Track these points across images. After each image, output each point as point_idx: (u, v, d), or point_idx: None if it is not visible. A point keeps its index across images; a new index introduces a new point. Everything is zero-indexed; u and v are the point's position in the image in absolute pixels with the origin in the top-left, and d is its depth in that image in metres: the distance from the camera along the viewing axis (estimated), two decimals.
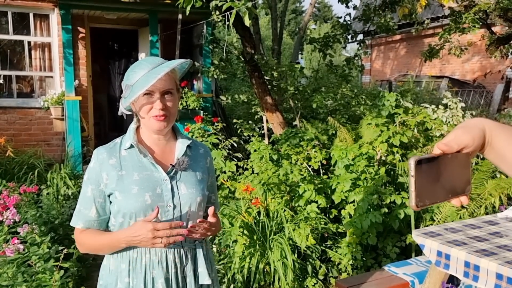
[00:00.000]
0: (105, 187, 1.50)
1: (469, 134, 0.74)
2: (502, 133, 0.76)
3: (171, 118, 1.52)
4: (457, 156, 0.74)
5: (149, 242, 1.41)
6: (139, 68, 1.47)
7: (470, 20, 4.94)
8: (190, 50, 7.68)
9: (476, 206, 3.61)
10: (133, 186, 1.49)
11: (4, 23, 7.06)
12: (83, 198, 1.53)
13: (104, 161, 1.51)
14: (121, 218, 1.51)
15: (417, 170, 0.70)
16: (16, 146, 6.18)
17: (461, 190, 0.75)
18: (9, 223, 2.79)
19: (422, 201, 0.71)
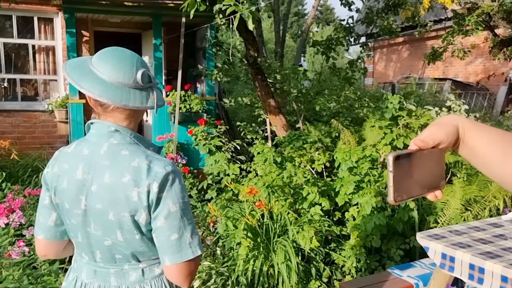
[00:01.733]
0: None
1: (443, 130, 0.77)
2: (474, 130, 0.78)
3: None
4: (432, 152, 0.76)
5: None
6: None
7: (473, 22, 4.95)
8: (193, 53, 7.71)
9: (480, 208, 3.60)
10: None
11: (8, 27, 7.10)
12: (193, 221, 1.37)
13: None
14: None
15: (395, 165, 0.71)
16: (21, 149, 6.20)
17: (436, 185, 0.78)
18: (15, 226, 2.80)
19: (400, 195, 0.73)
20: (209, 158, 5.84)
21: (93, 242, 1.34)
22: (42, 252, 1.47)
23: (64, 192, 1.33)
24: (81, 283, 1.39)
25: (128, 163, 1.28)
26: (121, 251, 1.32)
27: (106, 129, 1.31)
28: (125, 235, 1.30)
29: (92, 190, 1.29)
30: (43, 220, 1.42)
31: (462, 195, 3.63)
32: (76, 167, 1.32)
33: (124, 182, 1.26)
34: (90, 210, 1.30)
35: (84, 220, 1.32)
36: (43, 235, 1.42)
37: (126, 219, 1.27)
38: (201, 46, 7.47)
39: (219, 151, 5.95)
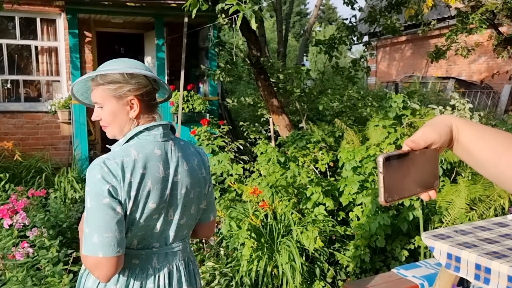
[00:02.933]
0: None
1: (435, 131, 0.77)
2: (468, 130, 0.79)
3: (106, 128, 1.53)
4: (425, 152, 0.76)
5: None
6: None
7: (477, 20, 4.92)
8: (196, 53, 7.70)
9: (486, 207, 3.58)
10: None
11: (11, 28, 7.12)
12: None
13: None
14: None
15: (385, 166, 0.71)
16: (24, 150, 6.22)
17: (430, 185, 0.77)
18: (18, 227, 2.80)
19: (391, 196, 0.73)
20: (212, 158, 5.83)
21: (170, 227, 1.51)
22: (118, 269, 1.37)
23: (150, 194, 1.41)
24: (152, 270, 1.48)
25: (189, 150, 1.58)
26: (190, 223, 1.58)
27: (167, 128, 1.52)
28: (197, 207, 1.59)
29: (176, 180, 1.49)
30: (120, 235, 1.35)
31: (467, 195, 3.61)
32: (156, 168, 1.44)
33: (195, 164, 1.57)
34: (174, 198, 1.49)
35: (167, 211, 1.49)
36: (122, 249, 1.36)
37: (201, 194, 1.59)
38: (203, 46, 7.47)
39: (222, 151, 5.94)
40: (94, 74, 1.44)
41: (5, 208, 2.85)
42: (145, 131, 1.46)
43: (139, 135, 1.45)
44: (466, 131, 0.79)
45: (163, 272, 1.48)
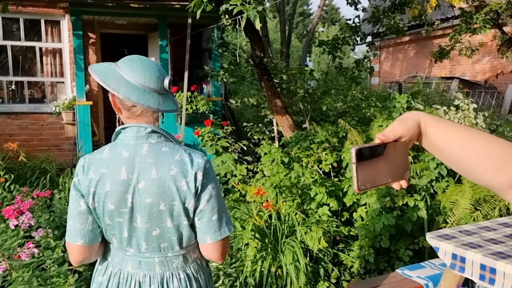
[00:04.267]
0: None
1: (404, 125, 0.84)
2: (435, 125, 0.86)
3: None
4: (396, 145, 0.82)
5: None
6: None
7: (481, 20, 4.91)
8: (199, 54, 7.72)
9: (490, 208, 3.57)
10: None
11: (16, 30, 7.15)
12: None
13: None
14: None
15: (358, 157, 0.77)
16: (28, 151, 6.24)
17: (401, 176, 0.84)
18: (24, 227, 2.81)
19: (363, 184, 0.78)
20: (216, 159, 5.84)
21: (139, 235, 1.46)
22: (80, 257, 1.50)
23: (108, 195, 1.41)
24: (127, 274, 1.50)
25: (171, 157, 1.43)
26: (169, 237, 1.46)
27: (143, 131, 1.44)
28: (174, 222, 1.44)
29: (139, 187, 1.41)
30: (81, 226, 1.46)
31: (472, 195, 3.60)
32: (118, 169, 1.41)
33: (172, 174, 1.41)
34: (138, 205, 1.42)
35: (131, 216, 1.43)
36: (82, 240, 1.46)
37: (177, 207, 1.42)
38: (207, 47, 7.48)
39: (226, 152, 5.94)
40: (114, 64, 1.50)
41: (10, 208, 2.86)
42: (122, 131, 1.47)
43: (118, 135, 1.48)
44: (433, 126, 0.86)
45: (135, 279, 1.49)
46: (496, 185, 0.83)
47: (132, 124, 1.45)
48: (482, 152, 0.81)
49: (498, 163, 0.81)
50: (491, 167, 0.81)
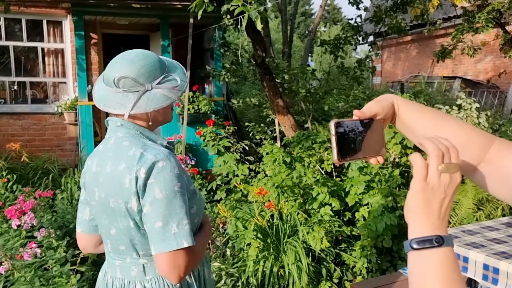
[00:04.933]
0: (187, 190, 1.37)
1: (379, 104, 0.89)
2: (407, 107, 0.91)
3: None
4: (372, 123, 0.88)
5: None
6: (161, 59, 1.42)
7: (483, 19, 4.89)
8: (201, 54, 7.72)
9: (493, 207, 3.56)
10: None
11: (18, 30, 7.17)
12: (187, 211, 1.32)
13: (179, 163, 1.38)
14: (198, 216, 1.47)
15: (337, 130, 0.83)
16: (31, 152, 6.25)
17: (377, 152, 0.89)
18: (26, 227, 2.82)
19: (342, 156, 0.83)
20: (218, 159, 5.84)
21: (103, 232, 1.44)
22: (81, 244, 1.59)
23: (86, 186, 1.45)
24: (104, 272, 1.51)
25: (126, 152, 1.33)
26: (125, 240, 1.37)
27: (114, 124, 1.40)
28: (124, 223, 1.34)
29: (100, 181, 1.37)
30: (80, 215, 1.54)
31: (474, 194, 3.59)
32: (92, 162, 1.43)
33: (120, 170, 1.31)
34: (100, 200, 1.38)
35: (98, 211, 1.41)
36: (80, 228, 1.55)
37: (122, 206, 1.32)
38: (208, 47, 7.48)
39: (228, 151, 5.94)
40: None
41: (13, 209, 2.87)
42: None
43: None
44: (406, 108, 0.91)
45: (105, 278, 1.48)
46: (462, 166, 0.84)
47: (109, 118, 1.43)
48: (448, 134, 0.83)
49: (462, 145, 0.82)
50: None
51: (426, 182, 0.72)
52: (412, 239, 0.71)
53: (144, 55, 1.37)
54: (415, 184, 0.72)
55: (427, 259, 0.69)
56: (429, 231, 0.70)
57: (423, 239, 0.70)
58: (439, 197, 0.72)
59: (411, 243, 0.70)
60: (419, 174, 0.72)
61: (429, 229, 0.70)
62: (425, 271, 0.69)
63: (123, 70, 1.33)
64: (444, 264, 0.69)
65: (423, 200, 0.71)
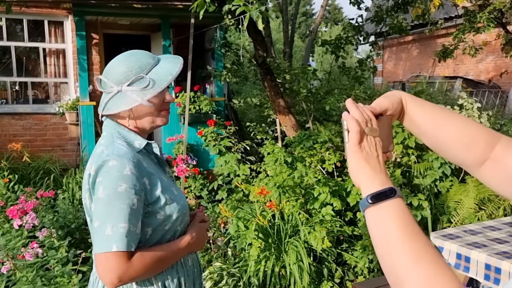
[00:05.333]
0: (148, 194, 1.31)
1: (388, 99, 0.90)
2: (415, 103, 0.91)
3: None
4: (381, 119, 0.88)
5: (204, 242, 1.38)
6: (144, 59, 1.38)
7: (485, 19, 4.88)
8: (202, 54, 7.72)
9: (495, 207, 3.56)
10: (171, 187, 1.40)
11: (19, 31, 7.18)
12: (130, 214, 1.24)
13: (139, 165, 1.31)
14: (169, 224, 1.37)
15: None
16: (32, 152, 6.25)
17: (386, 148, 0.87)
18: (28, 227, 2.82)
19: None
20: (219, 159, 5.84)
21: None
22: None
23: None
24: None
25: (95, 150, 1.36)
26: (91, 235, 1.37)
27: (104, 123, 1.44)
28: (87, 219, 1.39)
29: None
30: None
31: (476, 194, 3.58)
32: None
33: (87, 167, 1.34)
34: None
35: None
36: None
37: (85, 202, 1.35)
38: (209, 47, 7.48)
39: (229, 151, 5.94)
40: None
41: (15, 209, 2.87)
42: None
43: None
44: (413, 104, 0.91)
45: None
46: (465, 162, 0.90)
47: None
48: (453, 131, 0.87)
49: (466, 142, 0.87)
50: (461, 145, 0.88)
51: (360, 145, 0.80)
52: (367, 195, 0.75)
53: (125, 56, 1.39)
54: (352, 147, 0.80)
55: (384, 211, 0.73)
56: (380, 185, 0.75)
57: (377, 193, 0.74)
58: (373, 155, 0.80)
59: (367, 199, 0.75)
60: (355, 138, 0.80)
61: (379, 183, 0.76)
62: (385, 222, 0.73)
63: (104, 72, 1.40)
64: (401, 213, 0.73)
65: (362, 159, 0.79)
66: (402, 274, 0.67)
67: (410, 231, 0.71)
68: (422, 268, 0.66)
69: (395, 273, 0.68)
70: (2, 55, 7.11)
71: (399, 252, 0.69)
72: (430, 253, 0.68)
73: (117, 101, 1.36)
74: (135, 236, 1.25)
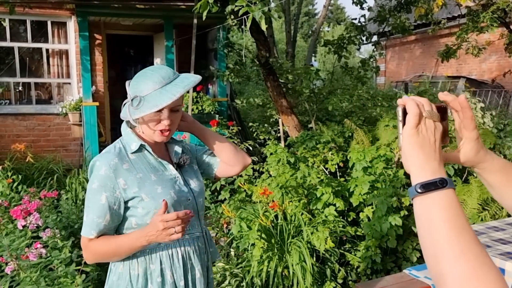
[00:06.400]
0: (123, 192, 1.50)
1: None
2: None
3: (173, 130, 1.60)
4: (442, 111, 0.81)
5: (163, 235, 1.40)
6: (151, 80, 1.48)
7: (488, 19, 4.87)
8: (205, 55, 7.72)
9: (498, 208, 3.54)
10: (156, 186, 1.53)
11: (22, 31, 7.20)
12: (95, 207, 1.50)
13: (117, 166, 1.50)
14: (150, 218, 1.51)
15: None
16: (36, 152, 6.28)
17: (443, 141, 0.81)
18: (32, 228, 2.83)
19: None
20: None
21: None
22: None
23: None
24: None
25: None
26: None
27: None
28: None
29: None
30: None
31: (479, 195, 3.57)
32: None
33: None
34: None
35: None
36: None
37: None
38: (212, 47, 7.49)
39: None
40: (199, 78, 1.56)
41: (18, 209, 2.88)
42: None
43: None
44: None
45: None
46: None
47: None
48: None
49: None
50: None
51: (417, 128, 0.76)
52: (416, 184, 0.73)
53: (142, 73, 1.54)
54: (408, 130, 0.76)
55: (432, 202, 0.71)
56: (431, 175, 0.73)
57: (427, 183, 0.72)
58: (430, 140, 0.76)
59: (415, 187, 0.73)
60: (412, 121, 0.76)
61: (431, 172, 0.73)
62: (432, 214, 0.71)
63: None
64: (450, 205, 0.71)
65: (417, 144, 0.75)
66: (445, 269, 0.66)
67: (457, 225, 0.69)
68: (464, 264, 0.65)
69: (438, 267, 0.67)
70: (5, 55, 7.14)
71: (443, 246, 0.67)
72: (475, 249, 0.67)
73: (123, 110, 1.55)
74: (99, 226, 1.49)
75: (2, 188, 4.39)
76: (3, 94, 7.13)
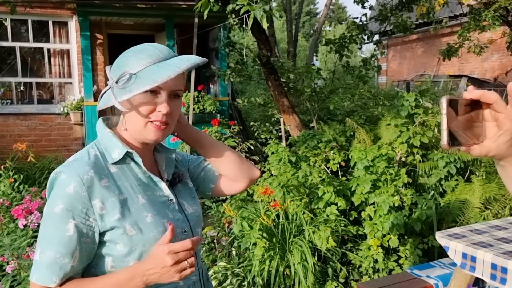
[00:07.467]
0: (100, 220, 1.05)
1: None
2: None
3: (171, 127, 1.15)
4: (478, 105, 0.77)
5: (171, 272, 1.01)
6: (145, 54, 1.10)
7: (490, 17, 4.85)
8: (206, 54, 7.72)
9: (501, 207, 3.53)
10: (144, 213, 1.10)
11: (24, 31, 7.21)
12: (58, 241, 1.02)
13: (93, 183, 1.05)
14: (134, 260, 1.08)
15: (448, 110, 0.71)
16: (37, 152, 6.28)
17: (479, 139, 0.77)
18: (33, 227, 2.83)
19: (452, 140, 0.72)
20: None
21: None
22: None
23: None
24: None
25: None
26: None
27: None
28: None
29: None
30: None
31: (482, 194, 3.56)
32: None
33: None
34: None
35: None
36: None
37: None
38: (213, 47, 7.49)
39: None
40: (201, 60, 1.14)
41: (20, 208, 2.88)
42: None
43: None
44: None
45: None
46: None
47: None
48: None
49: None
50: None
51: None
52: None
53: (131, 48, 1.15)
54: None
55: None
56: None
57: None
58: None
59: None
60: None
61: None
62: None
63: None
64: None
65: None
66: None
67: None
68: None
69: None
70: (7, 55, 7.15)
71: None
72: None
73: (103, 98, 1.15)
74: (64, 269, 1.02)
75: (3, 187, 4.39)
76: (5, 94, 7.14)
